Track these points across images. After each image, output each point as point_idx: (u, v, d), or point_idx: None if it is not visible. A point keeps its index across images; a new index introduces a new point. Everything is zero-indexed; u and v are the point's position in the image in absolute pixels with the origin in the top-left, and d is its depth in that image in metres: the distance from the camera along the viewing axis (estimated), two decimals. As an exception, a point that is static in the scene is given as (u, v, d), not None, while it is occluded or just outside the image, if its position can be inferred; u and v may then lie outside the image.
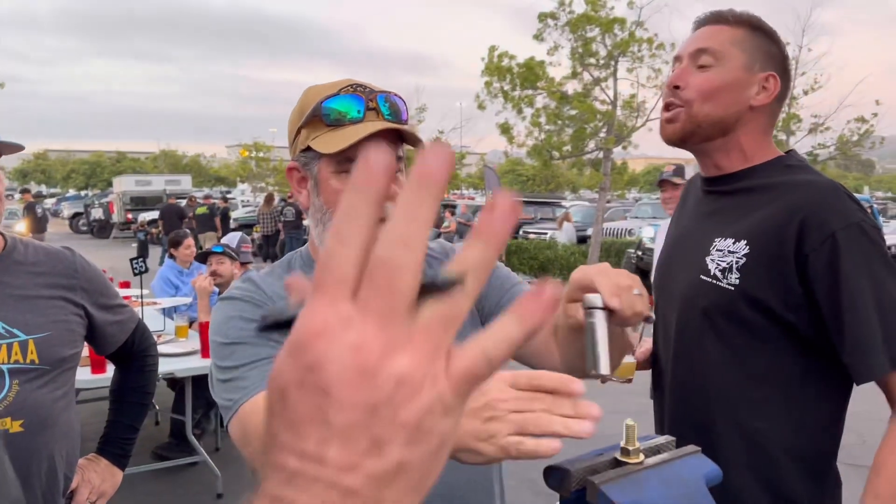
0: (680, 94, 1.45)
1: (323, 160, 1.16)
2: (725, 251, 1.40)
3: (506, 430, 0.73)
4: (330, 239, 0.34)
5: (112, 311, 1.77)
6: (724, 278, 1.40)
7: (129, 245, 22.61)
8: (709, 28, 1.47)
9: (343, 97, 1.14)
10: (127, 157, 55.21)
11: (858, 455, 5.08)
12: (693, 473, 0.77)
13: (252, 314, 1.12)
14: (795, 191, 1.37)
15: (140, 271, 4.37)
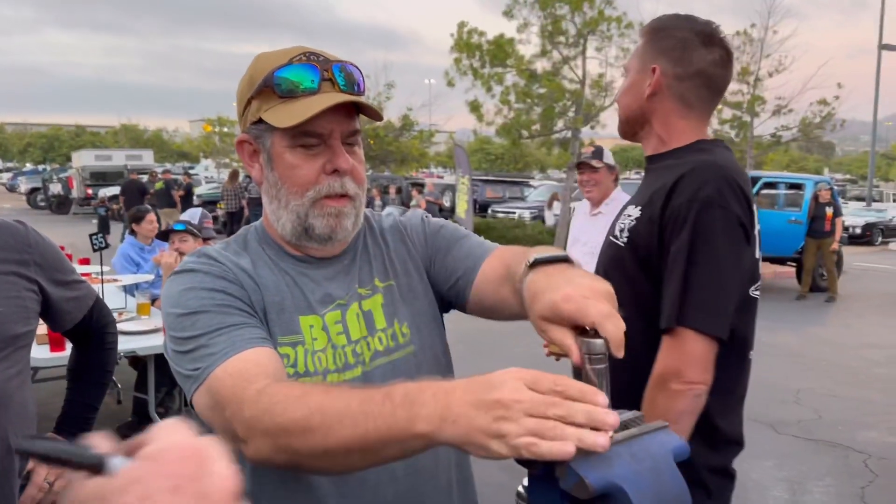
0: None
1: (277, 133, 1.11)
2: (628, 217, 1.64)
3: (517, 432, 0.70)
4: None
5: (68, 287, 1.71)
6: (619, 237, 1.64)
7: (89, 221, 22.12)
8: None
9: (296, 67, 1.08)
10: (86, 131, 53.84)
11: (816, 430, 5.24)
12: (661, 449, 0.77)
13: (212, 284, 1.08)
14: (678, 166, 1.57)
15: (100, 247, 4.26)
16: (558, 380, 0.73)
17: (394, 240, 1.29)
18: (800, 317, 9.70)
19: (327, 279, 1.19)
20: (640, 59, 1.68)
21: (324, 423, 0.85)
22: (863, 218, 21.52)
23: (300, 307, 1.14)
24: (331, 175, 1.12)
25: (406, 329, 1.21)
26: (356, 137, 1.16)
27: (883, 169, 45.16)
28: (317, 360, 1.12)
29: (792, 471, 4.46)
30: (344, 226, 1.15)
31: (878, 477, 4.37)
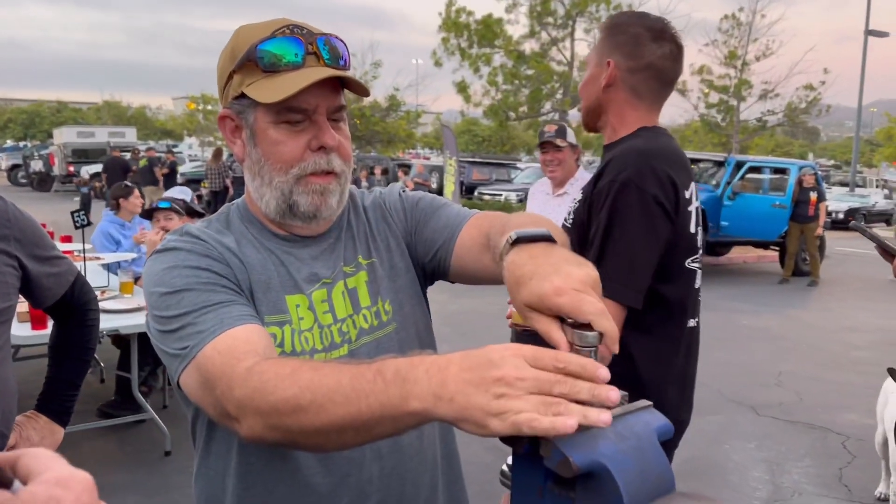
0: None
1: (260, 109, 1.08)
2: (576, 201, 1.81)
3: (521, 409, 0.68)
4: None
5: (48, 263, 1.69)
6: (567, 220, 1.81)
7: (71, 199, 21.89)
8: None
9: (280, 40, 1.05)
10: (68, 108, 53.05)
11: (796, 412, 5.31)
12: (645, 428, 0.77)
13: (197, 262, 1.05)
14: (614, 151, 1.74)
15: (81, 224, 4.21)
16: (559, 356, 0.71)
17: (375, 216, 1.28)
18: (782, 300, 9.80)
19: (313, 258, 1.17)
20: (598, 54, 1.80)
21: (315, 402, 0.83)
22: (846, 203, 21.74)
23: (286, 286, 1.13)
24: (316, 152, 1.09)
25: (388, 307, 1.20)
26: (342, 113, 1.13)
27: (867, 155, 45.51)
28: (304, 339, 1.11)
29: (772, 452, 4.52)
30: (329, 203, 1.13)
31: (856, 458, 4.44)
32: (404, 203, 1.30)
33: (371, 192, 1.33)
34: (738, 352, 6.92)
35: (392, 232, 1.27)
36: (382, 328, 1.19)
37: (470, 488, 1.46)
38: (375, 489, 1.13)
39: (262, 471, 1.11)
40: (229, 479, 1.13)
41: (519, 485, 0.78)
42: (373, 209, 1.29)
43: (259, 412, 0.88)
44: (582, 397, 0.69)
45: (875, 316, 9.00)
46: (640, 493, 0.69)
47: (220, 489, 1.15)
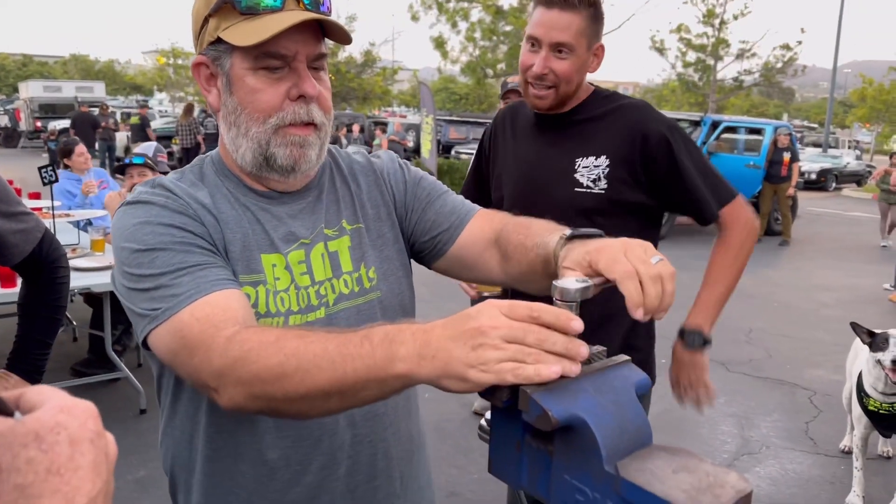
0: (547, 79, 1.80)
1: (237, 54, 1.03)
2: (591, 166, 1.83)
3: (497, 358, 0.70)
4: None
5: (14, 219, 1.64)
6: (595, 186, 1.82)
7: (38, 155, 21.37)
8: (562, 16, 1.76)
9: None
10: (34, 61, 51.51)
11: (766, 368, 5.43)
12: (623, 382, 0.77)
13: (171, 219, 1.01)
14: (626, 112, 1.84)
15: (50, 181, 4.11)
16: (533, 306, 0.72)
17: (367, 182, 1.23)
18: (754, 259, 9.85)
19: (290, 216, 1.13)
20: (588, 39, 1.81)
21: (300, 368, 0.82)
22: (818, 164, 21.96)
23: (262, 245, 1.08)
24: (296, 101, 1.04)
25: (373, 274, 1.17)
26: (322, 62, 1.08)
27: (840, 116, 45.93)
28: (279, 300, 1.07)
29: (741, 407, 4.62)
30: (308, 156, 1.08)
31: (822, 412, 4.57)
32: (406, 176, 1.27)
33: (359, 153, 1.28)
34: (711, 310, 7.01)
35: (384, 201, 1.23)
36: (364, 294, 1.16)
37: (446, 443, 1.48)
38: (346, 455, 1.12)
39: (232, 433, 1.09)
40: (197, 440, 1.11)
41: (497, 439, 0.78)
42: (364, 174, 1.24)
43: (240, 381, 0.86)
44: (556, 349, 0.70)
45: (844, 275, 9.18)
46: (618, 447, 0.69)
47: (187, 451, 1.13)
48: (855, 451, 3.46)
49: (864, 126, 31.98)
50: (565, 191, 1.84)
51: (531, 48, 1.82)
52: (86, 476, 0.47)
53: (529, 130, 1.98)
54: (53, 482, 0.45)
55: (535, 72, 1.80)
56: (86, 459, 0.47)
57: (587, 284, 0.78)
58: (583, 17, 1.77)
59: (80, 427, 0.48)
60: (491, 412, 0.78)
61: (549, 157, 1.91)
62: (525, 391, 0.70)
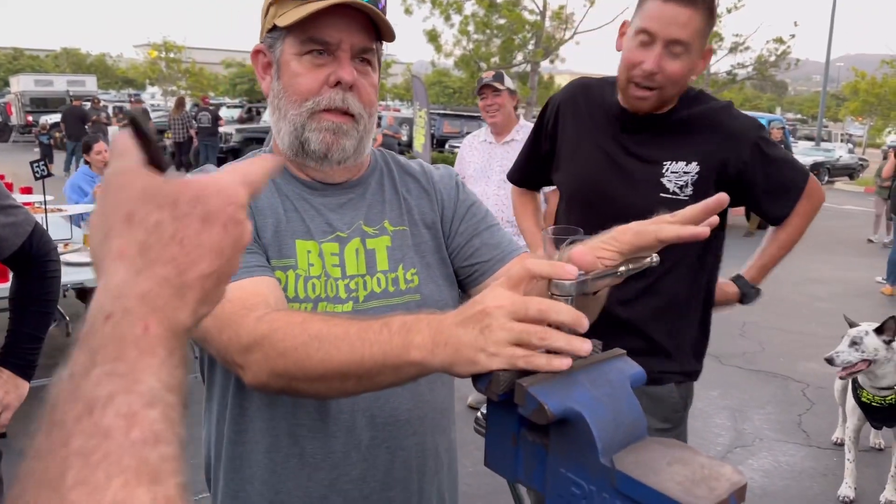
0: (655, 79, 1.67)
1: (287, 41, 1.07)
2: (680, 172, 1.76)
3: (505, 338, 0.70)
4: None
5: (3, 213, 1.64)
6: (681, 193, 1.76)
7: (30, 149, 21.24)
8: (683, 11, 1.63)
9: None
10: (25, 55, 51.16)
11: (759, 361, 5.46)
12: (619, 376, 0.77)
13: None
14: (718, 116, 1.79)
15: (42, 175, 4.09)
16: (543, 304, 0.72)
17: (417, 189, 1.24)
18: (747, 253, 9.86)
19: (330, 209, 1.15)
20: (702, 40, 1.70)
21: (321, 349, 0.86)
22: (811, 157, 22.00)
23: (296, 231, 1.11)
24: (334, 87, 1.07)
25: (413, 276, 1.17)
26: (370, 56, 1.10)
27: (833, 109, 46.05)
28: (310, 286, 1.09)
29: (734, 399, 4.65)
30: (342, 145, 1.09)
31: (815, 405, 4.59)
32: (459, 195, 1.26)
33: (418, 162, 1.30)
34: (704, 303, 7.05)
35: (432, 209, 1.23)
36: (400, 295, 1.15)
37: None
38: (361, 458, 1.11)
39: (252, 417, 1.11)
40: (223, 423, 1.14)
41: (493, 432, 0.78)
42: (416, 182, 1.25)
43: (266, 358, 0.90)
44: (562, 318, 0.71)
45: (837, 268, 9.23)
46: (614, 440, 0.70)
47: (216, 433, 1.16)
48: (847, 442, 3.49)
49: (856, 120, 32.09)
50: (646, 196, 1.74)
51: (642, 43, 1.67)
52: (205, 254, 0.48)
53: (610, 124, 1.84)
54: (172, 250, 0.47)
55: (646, 68, 1.66)
56: (211, 239, 0.48)
57: (584, 278, 0.78)
58: (702, 14, 1.64)
59: (218, 208, 0.49)
60: (487, 405, 0.78)
61: (631, 158, 1.80)
62: (521, 385, 0.70)
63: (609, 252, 0.86)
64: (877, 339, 3.29)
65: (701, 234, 0.80)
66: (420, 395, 1.15)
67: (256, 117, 20.02)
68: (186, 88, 31.30)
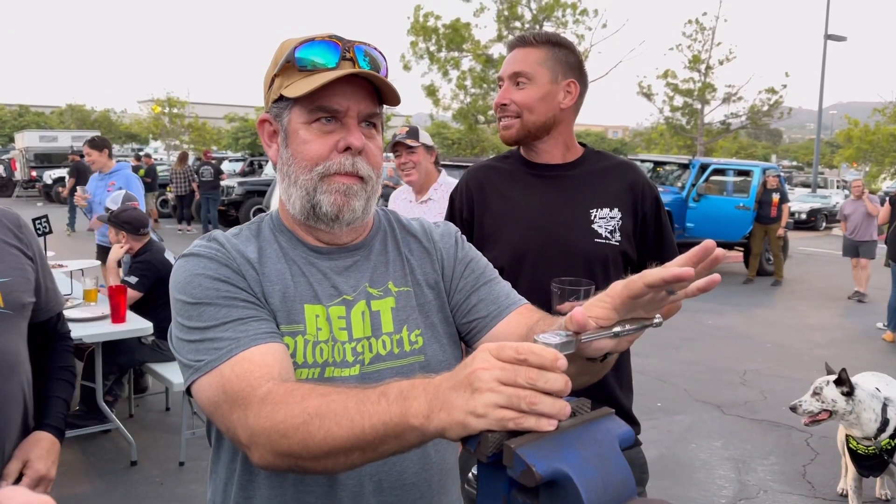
0: (509, 109, 1.86)
1: (294, 110, 1.11)
2: (607, 218, 1.86)
3: (495, 401, 0.72)
4: None
5: (48, 278, 1.74)
6: (612, 238, 1.85)
7: (33, 204, 21.42)
8: (519, 52, 1.87)
9: (318, 43, 1.09)
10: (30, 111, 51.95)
11: (761, 410, 5.41)
12: (607, 435, 0.78)
13: (217, 272, 1.07)
14: (626, 169, 1.93)
15: (44, 232, 4.13)
16: (520, 347, 0.74)
17: (419, 249, 1.27)
18: (747, 300, 9.97)
19: (336, 272, 1.17)
20: (551, 71, 1.85)
21: (322, 427, 0.87)
22: (808, 204, 22.18)
23: (304, 296, 1.12)
24: (343, 153, 1.10)
25: (417, 338, 1.18)
26: (375, 120, 1.14)
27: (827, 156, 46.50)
28: (318, 351, 1.10)
29: (737, 450, 4.59)
30: (352, 206, 1.12)
31: (819, 455, 4.54)
32: (458, 252, 1.29)
33: (418, 220, 1.32)
34: (704, 351, 7.03)
35: (433, 268, 1.25)
36: (404, 357, 1.16)
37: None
38: None
39: (261, 484, 1.11)
40: (231, 487, 1.14)
41: (484, 493, 0.79)
42: (418, 243, 1.27)
43: (270, 441, 0.91)
44: (549, 387, 0.72)
45: (836, 314, 9.21)
46: (603, 501, 0.70)
47: (222, 495, 1.17)
48: (850, 493, 3.44)
49: (851, 166, 32.38)
50: (585, 241, 1.84)
51: (499, 87, 1.91)
52: None
53: (525, 181, 1.93)
54: None
55: (497, 102, 1.88)
56: None
57: (569, 339, 0.80)
58: (540, 50, 1.85)
59: None
60: (477, 466, 0.79)
61: (561, 205, 1.88)
62: (509, 446, 0.71)
63: (602, 310, 0.87)
64: (835, 391, 3.29)
65: (685, 274, 0.80)
66: (427, 457, 1.15)
67: (258, 170, 20.21)
68: (189, 143, 31.70)
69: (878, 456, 3.27)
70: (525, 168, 1.94)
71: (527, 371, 0.72)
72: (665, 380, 5.91)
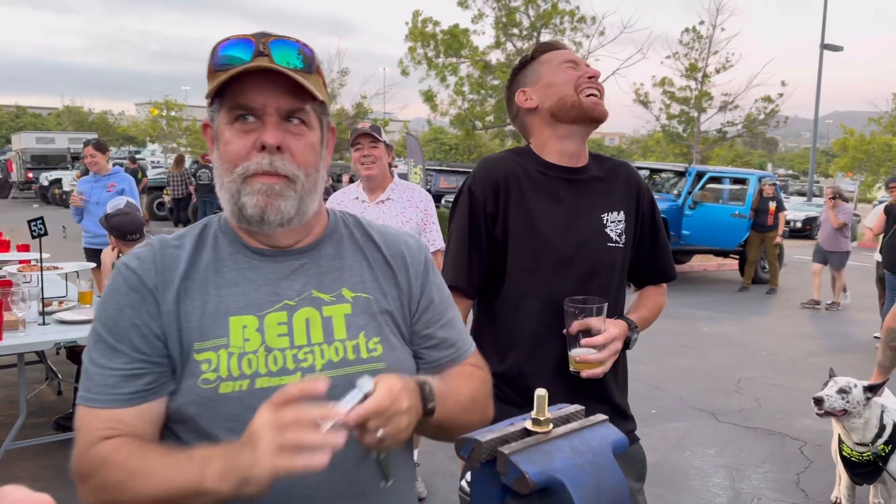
0: (599, 81, 1.86)
1: (221, 112, 1.09)
2: (616, 222, 1.88)
3: (271, 450, 0.84)
4: None
5: None
6: (620, 241, 1.88)
7: (29, 206, 21.37)
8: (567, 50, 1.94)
9: (234, 41, 1.06)
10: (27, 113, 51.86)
11: (756, 418, 5.41)
12: (600, 442, 0.78)
13: (120, 302, 1.08)
14: (624, 170, 1.96)
15: (39, 234, 4.11)
16: (283, 391, 0.89)
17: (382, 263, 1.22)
18: (742, 308, 9.99)
19: (279, 277, 1.13)
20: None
21: (136, 486, 0.95)
22: (803, 212, 22.22)
23: (232, 308, 1.09)
24: (261, 151, 1.06)
25: (375, 345, 1.14)
26: (302, 115, 1.09)
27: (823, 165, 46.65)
28: (245, 363, 1.06)
29: (732, 458, 4.60)
30: (277, 206, 1.07)
31: (813, 463, 4.54)
32: (427, 276, 1.25)
33: (384, 230, 1.28)
34: (699, 358, 7.03)
35: (397, 282, 1.22)
36: (361, 364, 1.12)
37: (435, 498, 1.47)
38: None
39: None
40: None
41: (477, 500, 0.79)
42: (378, 252, 1.23)
43: (92, 487, 1.00)
44: (312, 438, 0.85)
45: (831, 322, 9.22)
46: (595, 507, 0.71)
47: None
48: (843, 502, 3.44)
49: (846, 175, 32.50)
50: (600, 246, 1.85)
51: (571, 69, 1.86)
52: None
53: (545, 186, 1.86)
54: None
55: (592, 72, 1.84)
56: None
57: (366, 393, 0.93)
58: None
59: None
60: (471, 474, 0.80)
61: (580, 210, 1.86)
62: (503, 453, 0.71)
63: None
64: (863, 395, 3.33)
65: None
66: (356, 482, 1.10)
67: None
68: (187, 146, 31.64)
69: (871, 463, 3.28)
70: (543, 168, 1.87)
71: (293, 412, 0.86)
72: (660, 387, 5.92)
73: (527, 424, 0.77)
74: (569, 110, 1.82)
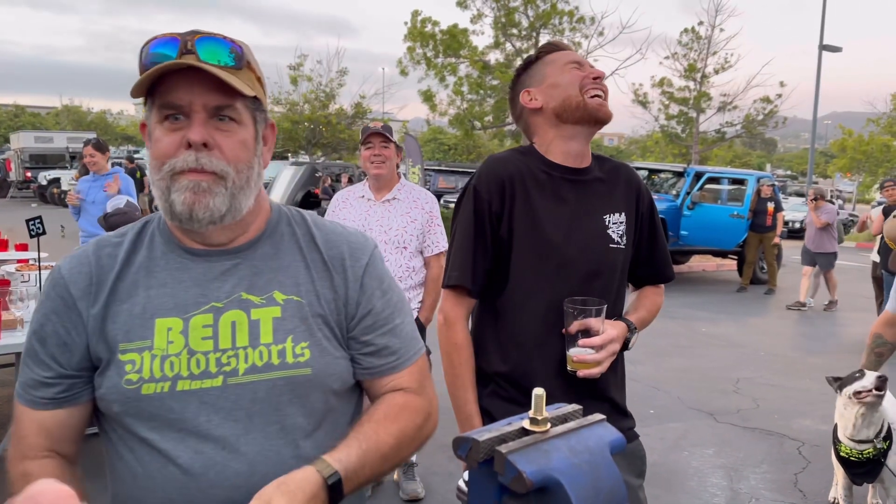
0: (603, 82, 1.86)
1: (153, 111, 1.09)
2: (618, 223, 1.88)
3: None
4: None
5: None
6: (621, 242, 1.88)
7: (28, 205, 21.37)
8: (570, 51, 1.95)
9: (163, 40, 1.06)
10: (26, 112, 51.81)
11: (754, 418, 5.42)
12: (598, 442, 0.78)
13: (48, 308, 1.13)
14: (624, 170, 1.97)
15: (37, 233, 4.11)
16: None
17: (320, 264, 1.19)
18: (740, 308, 10.00)
19: (209, 277, 1.12)
20: None
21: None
22: (802, 213, 22.22)
23: (159, 310, 1.10)
24: (188, 149, 1.06)
25: (303, 350, 1.12)
26: (231, 113, 1.08)
27: (822, 166, 46.71)
28: (167, 365, 1.07)
29: (730, 458, 4.60)
30: (206, 203, 1.06)
31: (811, 463, 4.55)
32: (368, 279, 1.21)
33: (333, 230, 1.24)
34: (698, 359, 7.04)
35: (333, 284, 1.18)
36: (286, 369, 1.10)
37: (433, 498, 1.47)
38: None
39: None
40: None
41: (475, 500, 0.79)
42: (318, 253, 1.20)
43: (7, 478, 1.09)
44: None
45: (829, 323, 9.23)
46: (593, 507, 0.71)
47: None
48: (841, 502, 3.45)
49: (845, 176, 32.53)
50: (602, 247, 1.85)
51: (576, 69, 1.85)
52: None
53: (549, 187, 1.85)
54: None
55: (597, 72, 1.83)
56: None
57: None
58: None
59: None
60: (468, 473, 0.80)
61: (584, 212, 1.86)
62: (500, 452, 0.71)
63: None
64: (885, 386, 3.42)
65: None
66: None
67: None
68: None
69: (870, 462, 3.29)
70: (548, 168, 1.86)
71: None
72: (658, 387, 5.92)
73: (524, 424, 0.77)
74: (573, 111, 1.82)
